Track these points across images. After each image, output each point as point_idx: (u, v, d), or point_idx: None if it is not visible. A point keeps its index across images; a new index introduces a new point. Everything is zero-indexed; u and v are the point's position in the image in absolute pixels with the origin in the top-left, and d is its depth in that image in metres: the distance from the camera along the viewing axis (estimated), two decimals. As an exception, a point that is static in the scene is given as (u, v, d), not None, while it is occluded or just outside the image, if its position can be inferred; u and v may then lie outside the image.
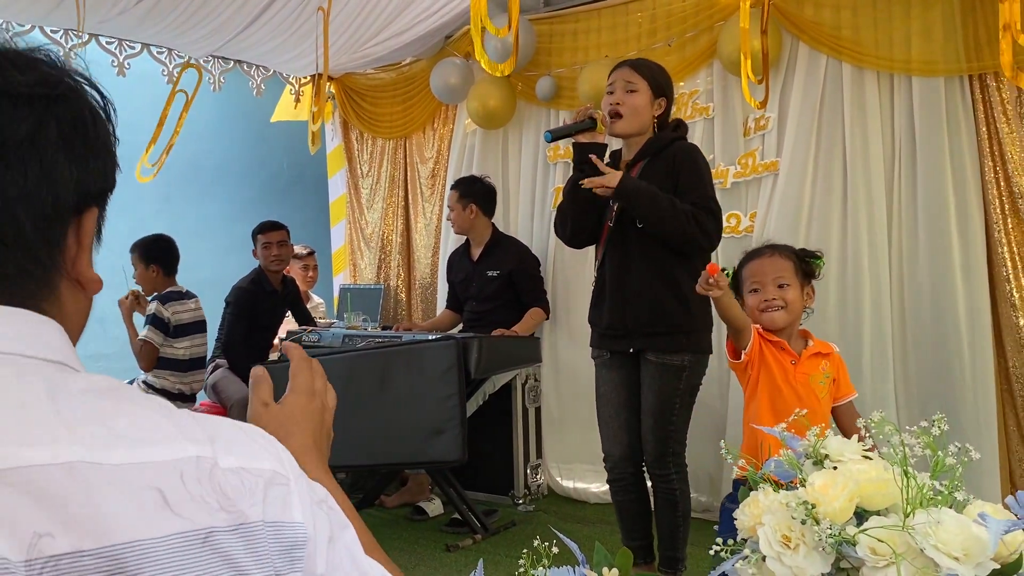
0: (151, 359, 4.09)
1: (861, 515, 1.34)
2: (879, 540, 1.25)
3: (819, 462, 1.47)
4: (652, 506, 2.90)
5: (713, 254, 3.86)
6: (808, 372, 2.25)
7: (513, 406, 4.30)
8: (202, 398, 4.48)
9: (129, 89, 4.76)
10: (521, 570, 1.59)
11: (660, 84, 2.83)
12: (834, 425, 2.32)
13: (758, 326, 2.27)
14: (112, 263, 4.98)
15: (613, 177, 2.65)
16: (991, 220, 3.33)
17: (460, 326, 4.42)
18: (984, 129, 3.34)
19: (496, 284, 4.23)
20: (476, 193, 4.31)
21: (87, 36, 4.22)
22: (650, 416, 2.77)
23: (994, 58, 3.21)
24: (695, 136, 4.05)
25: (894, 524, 1.25)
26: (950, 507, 1.31)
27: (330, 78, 5.31)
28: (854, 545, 1.26)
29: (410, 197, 5.25)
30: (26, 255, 0.63)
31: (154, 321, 4.08)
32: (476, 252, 4.34)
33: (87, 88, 0.69)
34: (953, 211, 3.35)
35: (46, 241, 0.64)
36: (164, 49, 4.62)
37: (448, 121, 5.05)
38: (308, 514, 0.64)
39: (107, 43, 4.43)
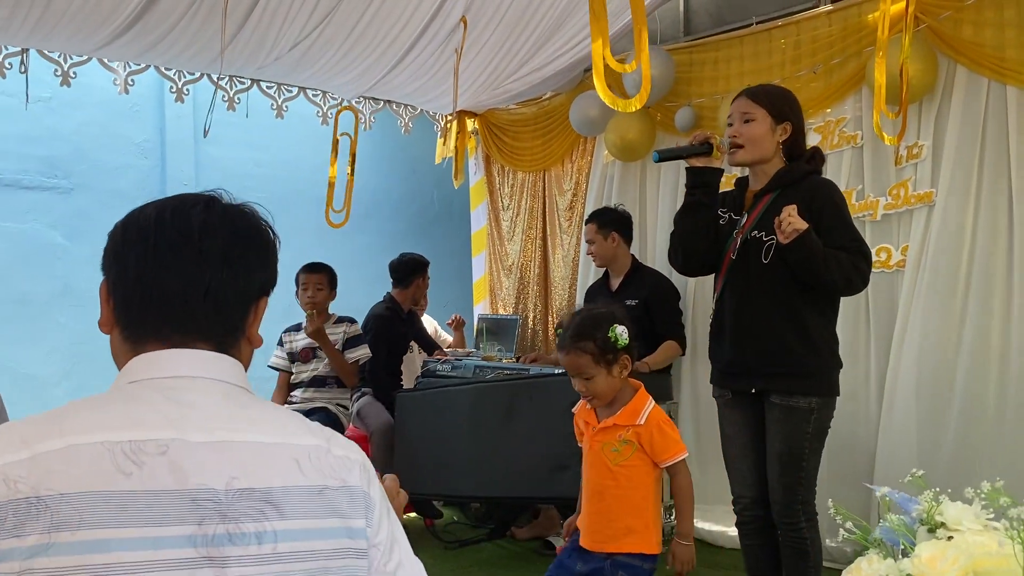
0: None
1: (979, 592, 1.21)
2: (992, 624, 1.12)
3: (933, 529, 1.34)
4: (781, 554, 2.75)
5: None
6: (602, 440, 2.40)
7: (646, 443, 4.20)
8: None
9: (288, 129, 5.11)
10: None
11: (781, 110, 2.71)
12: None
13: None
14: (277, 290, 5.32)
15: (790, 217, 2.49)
16: None
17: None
18: None
19: (635, 314, 4.16)
20: (615, 221, 4.29)
21: (249, 81, 4.56)
22: (777, 462, 2.63)
23: None
24: (843, 165, 3.87)
25: (1009, 606, 1.11)
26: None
27: (473, 114, 5.47)
28: (965, 626, 1.14)
29: (548, 229, 5.30)
30: (230, 323, 1.09)
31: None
32: (615, 283, 4.31)
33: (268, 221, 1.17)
34: None
35: (242, 315, 1.11)
36: (319, 92, 4.91)
37: (586, 153, 5.07)
38: (380, 496, 1.10)
39: (267, 87, 4.76)
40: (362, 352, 4.46)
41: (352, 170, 4.77)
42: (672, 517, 3.52)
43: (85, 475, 0.89)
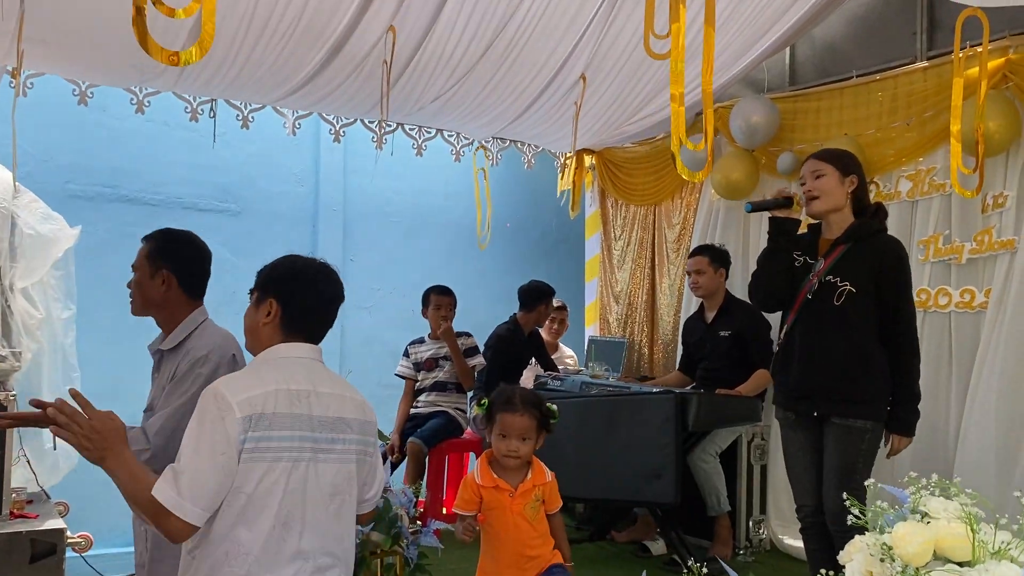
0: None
1: (945, 563, 1.60)
2: (942, 582, 1.51)
3: (923, 517, 1.73)
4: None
5: (933, 329, 3.95)
6: (522, 503, 2.66)
7: (738, 462, 4.56)
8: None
9: (422, 163, 5.75)
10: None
11: (847, 164, 3.10)
12: None
13: (476, 478, 2.70)
14: (403, 306, 5.97)
15: (905, 442, 3.03)
16: None
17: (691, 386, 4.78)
18: None
19: (727, 344, 4.54)
20: (723, 257, 4.71)
21: (394, 124, 5.23)
22: (833, 475, 2.98)
23: None
24: (931, 212, 4.15)
25: (952, 570, 1.51)
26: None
27: (591, 151, 5.96)
28: (924, 584, 1.54)
29: (656, 259, 5.72)
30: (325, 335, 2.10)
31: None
32: (710, 315, 4.70)
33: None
34: None
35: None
36: (454, 133, 5.54)
37: (695, 191, 5.46)
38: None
39: (409, 129, 5.43)
40: (478, 360, 5.07)
41: (489, 201, 5.37)
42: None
43: (279, 404, 1.87)
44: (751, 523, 4.58)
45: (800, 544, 4.47)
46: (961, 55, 3.58)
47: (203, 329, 2.55)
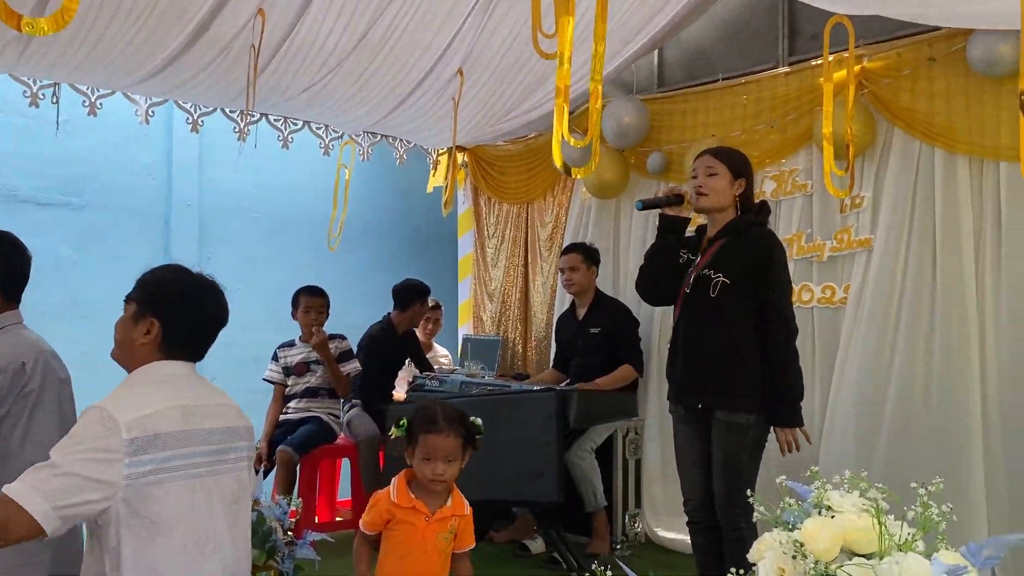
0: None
1: (852, 557, 1.63)
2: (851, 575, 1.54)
3: (824, 511, 1.76)
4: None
5: (803, 325, 4.13)
6: (436, 530, 2.47)
7: (614, 457, 4.61)
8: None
9: (286, 156, 5.50)
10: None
11: (738, 167, 3.17)
12: None
13: (392, 497, 2.50)
14: (265, 306, 5.71)
15: (790, 434, 3.01)
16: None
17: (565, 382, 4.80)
18: (1071, 215, 3.46)
19: (598, 340, 4.60)
20: (596, 256, 4.78)
21: (258, 115, 4.97)
22: (720, 470, 3.04)
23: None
24: (794, 211, 4.33)
25: (863, 564, 1.54)
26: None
27: (463, 148, 5.90)
28: (834, 579, 1.56)
29: (529, 257, 5.73)
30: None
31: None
32: (582, 312, 4.75)
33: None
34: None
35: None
36: (322, 125, 5.33)
37: (567, 189, 5.49)
38: None
39: (275, 120, 5.17)
40: (352, 366, 4.87)
41: (346, 201, 5.17)
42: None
43: (173, 422, 1.81)
44: (627, 517, 4.65)
45: (674, 535, 4.63)
46: (821, 61, 3.75)
47: (4, 334, 2.39)
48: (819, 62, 3.98)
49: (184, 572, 1.80)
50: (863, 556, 1.61)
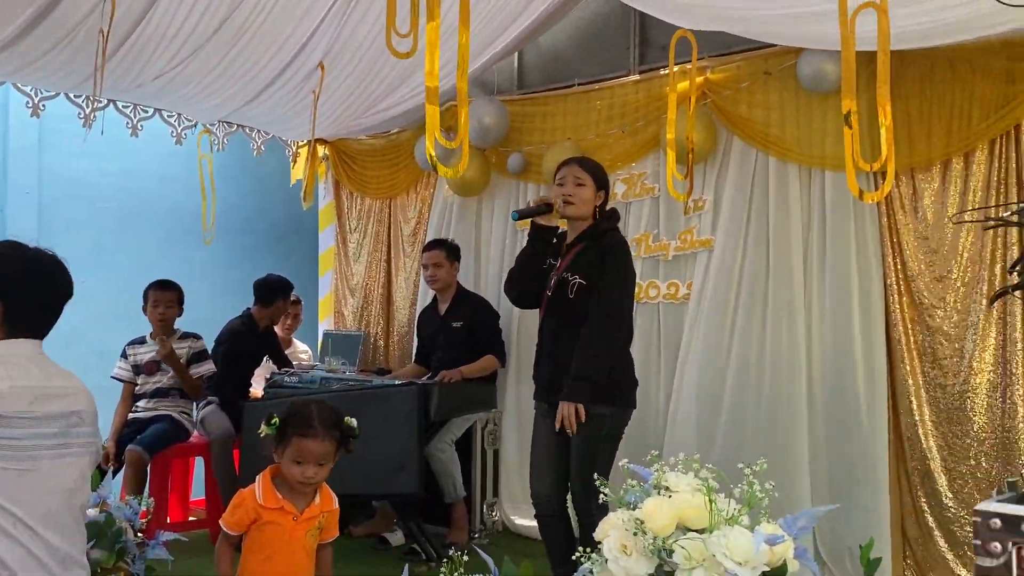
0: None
1: (687, 532, 1.80)
2: (686, 549, 1.70)
3: (662, 491, 1.92)
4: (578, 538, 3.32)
5: (644, 319, 4.38)
6: (305, 528, 2.47)
7: (473, 449, 4.73)
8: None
9: (134, 143, 5.29)
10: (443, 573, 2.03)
11: (601, 180, 3.37)
12: None
13: (258, 497, 2.45)
14: (112, 299, 5.47)
15: (568, 408, 3.12)
16: (889, 296, 3.81)
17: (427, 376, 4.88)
18: (885, 220, 3.85)
19: (461, 334, 4.70)
20: (458, 253, 4.87)
21: (105, 101, 4.75)
22: (576, 461, 3.21)
23: (896, 158, 3.73)
24: (643, 213, 4.57)
25: (695, 537, 1.70)
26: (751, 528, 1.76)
27: (324, 141, 5.85)
28: (671, 553, 1.71)
29: (392, 252, 5.75)
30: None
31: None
32: (444, 307, 4.83)
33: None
34: (856, 288, 3.84)
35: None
36: (175, 114, 5.15)
37: (430, 186, 5.55)
38: None
39: (123, 107, 4.96)
40: (206, 368, 4.74)
41: (214, 191, 5.03)
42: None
43: (18, 403, 1.80)
44: (485, 507, 4.78)
45: (531, 523, 4.75)
46: (673, 70, 3.99)
47: None
48: (667, 72, 4.23)
49: (18, 553, 1.79)
50: (696, 531, 1.78)
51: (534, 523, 4.71)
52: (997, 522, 1.03)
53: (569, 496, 3.32)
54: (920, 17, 3.14)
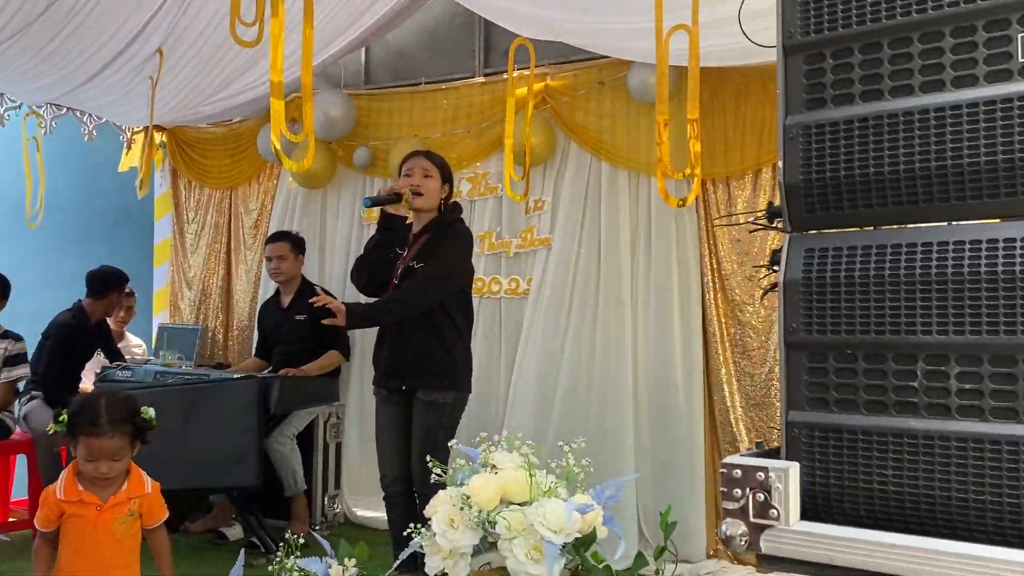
0: None
1: (510, 505, 1.95)
2: (507, 520, 1.85)
3: (490, 469, 2.06)
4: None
5: (487, 312, 4.55)
6: (110, 518, 2.44)
7: (315, 441, 4.75)
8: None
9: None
10: (278, 558, 2.10)
11: (447, 173, 3.50)
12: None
13: (58, 493, 2.42)
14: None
15: (341, 317, 3.25)
16: (706, 293, 4.16)
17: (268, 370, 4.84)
18: (703, 223, 4.19)
19: (305, 328, 4.69)
20: (303, 245, 4.85)
21: (-84, 76, 4.43)
22: (418, 445, 3.32)
23: (714, 167, 4.10)
24: (487, 211, 4.74)
25: (517, 509, 1.86)
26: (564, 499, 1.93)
27: (162, 128, 5.66)
28: (494, 524, 1.86)
29: (233, 244, 5.64)
30: None
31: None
32: (287, 300, 4.81)
33: None
34: (676, 285, 4.17)
35: None
36: (-3, 93, 4.86)
37: (273, 177, 5.50)
38: None
39: (-63, 83, 4.64)
40: (21, 371, 4.50)
41: (42, 174, 4.77)
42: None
43: None
44: (327, 499, 4.81)
45: (372, 514, 4.87)
46: (513, 76, 4.17)
47: None
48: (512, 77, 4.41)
49: None
50: (519, 504, 1.94)
51: (377, 513, 4.83)
52: (738, 472, 1.23)
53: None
54: (735, 37, 3.45)
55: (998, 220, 1.15)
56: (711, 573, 3.99)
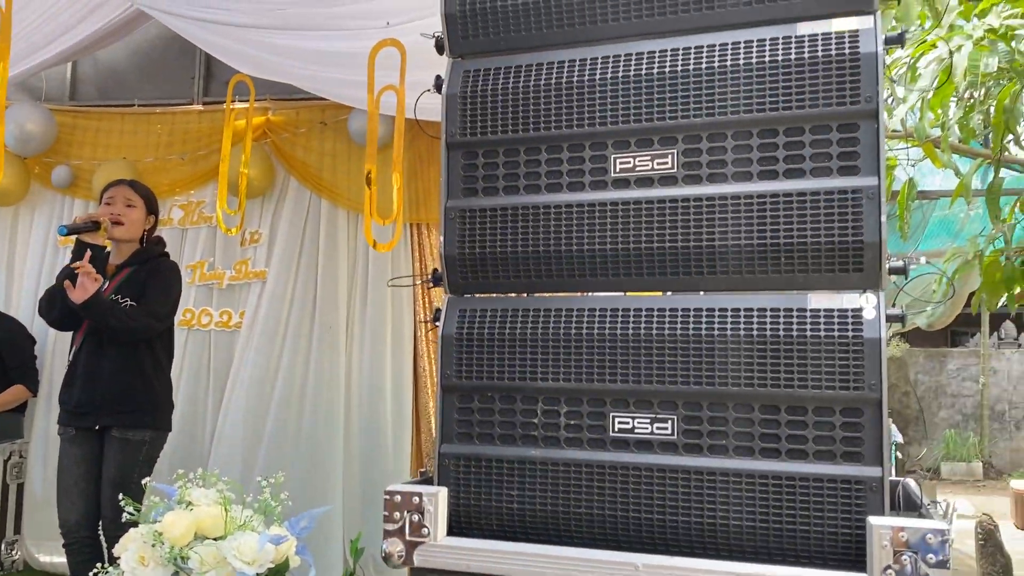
0: None
1: (204, 540, 1.99)
2: (200, 555, 1.90)
3: (186, 506, 2.09)
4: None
5: (195, 345, 4.47)
6: None
7: (-7, 482, 4.33)
8: None
9: None
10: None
11: (153, 205, 3.43)
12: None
13: None
14: None
15: (92, 287, 3.06)
16: (418, 330, 4.39)
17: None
18: (417, 264, 4.43)
19: (-15, 357, 4.30)
20: None
21: None
22: (110, 486, 3.18)
23: (428, 211, 4.36)
24: (200, 241, 4.65)
25: (211, 544, 1.91)
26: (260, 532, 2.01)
27: None
28: (187, 560, 1.90)
29: None
30: None
31: None
32: (-34, 326, 4.37)
33: None
34: (390, 321, 4.37)
35: None
36: None
37: (-46, 191, 4.97)
38: None
39: None
40: None
41: None
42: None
43: None
44: (4, 545, 4.39)
45: (57, 559, 4.51)
46: (232, 107, 4.18)
47: None
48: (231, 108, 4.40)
49: None
50: (214, 539, 1.99)
51: (60, 559, 4.48)
52: (398, 497, 1.44)
53: (100, 523, 3.27)
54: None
55: (620, 293, 1.46)
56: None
